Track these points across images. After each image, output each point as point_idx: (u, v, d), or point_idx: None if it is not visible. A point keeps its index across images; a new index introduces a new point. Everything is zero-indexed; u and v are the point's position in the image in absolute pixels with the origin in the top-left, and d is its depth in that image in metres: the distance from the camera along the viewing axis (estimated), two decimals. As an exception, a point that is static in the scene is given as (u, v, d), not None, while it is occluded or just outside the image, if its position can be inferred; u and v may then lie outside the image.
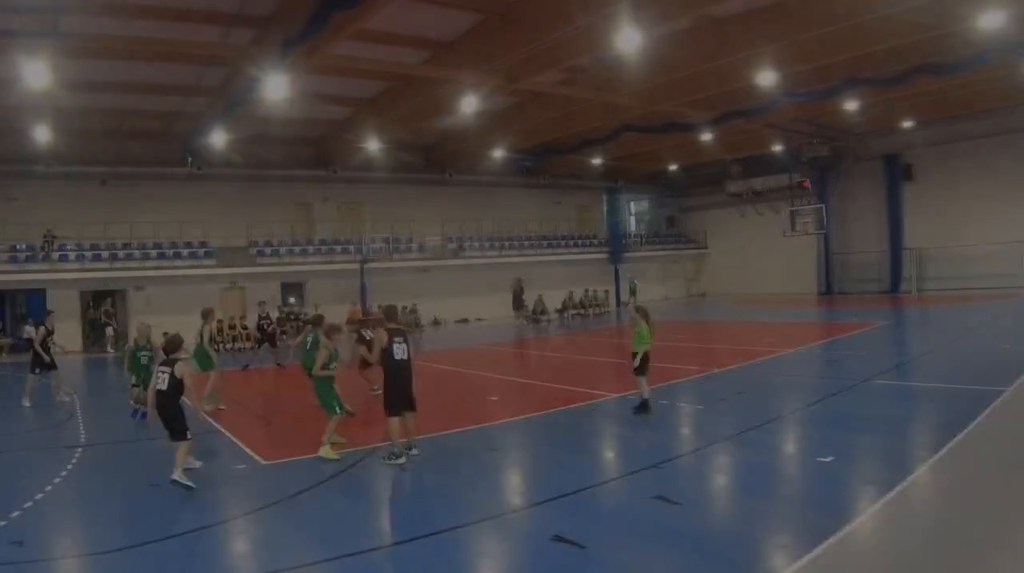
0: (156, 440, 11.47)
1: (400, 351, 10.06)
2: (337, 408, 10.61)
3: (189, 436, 9.14)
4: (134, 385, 14.30)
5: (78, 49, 20.52)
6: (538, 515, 7.68)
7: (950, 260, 38.14)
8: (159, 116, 30.27)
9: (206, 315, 16.07)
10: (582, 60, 23.66)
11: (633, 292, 42.37)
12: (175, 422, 9.12)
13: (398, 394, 9.99)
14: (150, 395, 9.30)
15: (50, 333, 16.99)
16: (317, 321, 13.69)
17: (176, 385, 9.10)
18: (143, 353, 13.73)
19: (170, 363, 9.29)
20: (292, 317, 31.77)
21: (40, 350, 16.59)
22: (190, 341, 12.02)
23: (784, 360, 18.46)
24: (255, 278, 33.50)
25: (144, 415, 11.63)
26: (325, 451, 10.21)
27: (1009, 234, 34.62)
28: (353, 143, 31.82)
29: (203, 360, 14.92)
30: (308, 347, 13.81)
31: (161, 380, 9.18)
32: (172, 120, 30.63)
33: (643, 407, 12.18)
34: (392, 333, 10.15)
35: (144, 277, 31.44)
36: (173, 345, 9.62)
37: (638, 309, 12.76)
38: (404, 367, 10.10)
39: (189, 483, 8.77)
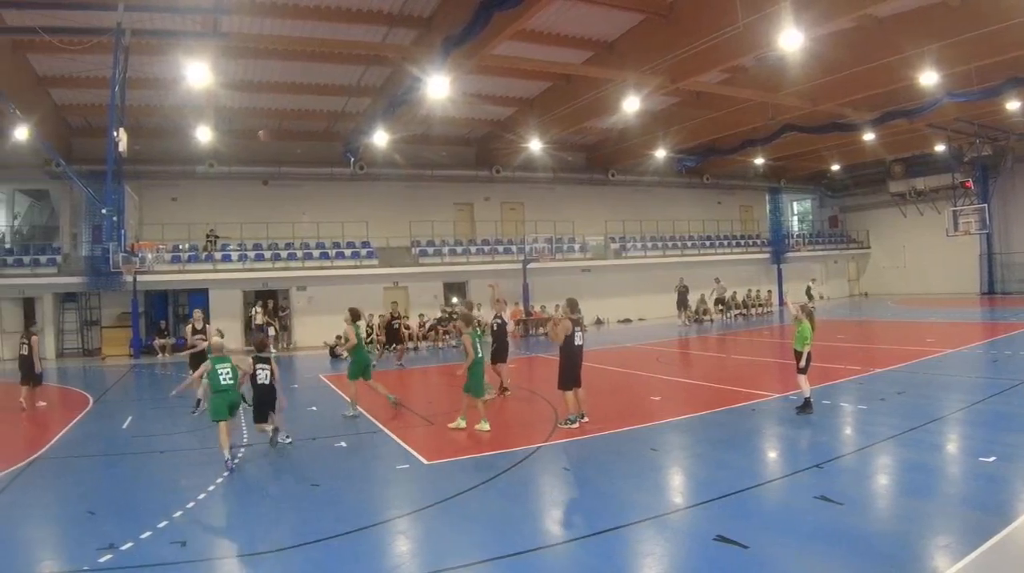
0: (316, 440, 12.28)
1: (580, 338, 12.18)
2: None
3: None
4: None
5: (239, 49, 21.59)
6: (700, 515, 7.74)
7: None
8: (321, 116, 31.38)
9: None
10: (744, 60, 23.48)
11: (810, 296, 40.97)
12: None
13: (572, 373, 12.06)
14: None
15: (197, 331, 17.69)
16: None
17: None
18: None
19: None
20: (454, 317, 32.36)
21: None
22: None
23: (946, 360, 18.10)
24: (417, 278, 34.10)
25: None
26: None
27: None
28: (515, 143, 32.17)
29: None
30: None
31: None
32: (334, 120, 31.71)
33: (806, 406, 12.31)
34: (575, 323, 12.17)
35: (306, 277, 32.15)
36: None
37: (803, 308, 12.85)
38: (580, 352, 12.20)
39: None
